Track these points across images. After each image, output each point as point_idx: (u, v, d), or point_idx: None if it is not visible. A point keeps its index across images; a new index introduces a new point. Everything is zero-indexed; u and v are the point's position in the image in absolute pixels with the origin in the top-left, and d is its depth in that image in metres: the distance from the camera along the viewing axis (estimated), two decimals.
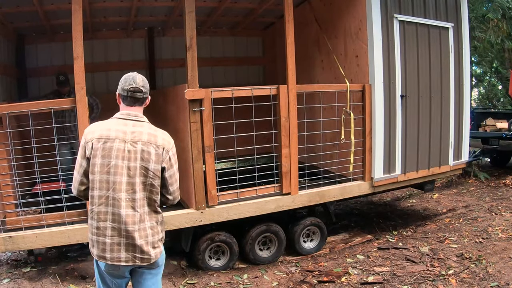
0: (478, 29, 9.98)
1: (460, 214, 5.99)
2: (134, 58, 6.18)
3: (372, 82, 4.70)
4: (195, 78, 3.97)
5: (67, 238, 3.80)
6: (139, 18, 5.74)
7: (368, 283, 3.91)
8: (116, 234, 2.18)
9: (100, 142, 2.18)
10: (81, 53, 3.74)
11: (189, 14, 3.97)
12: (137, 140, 2.22)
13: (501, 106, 14.64)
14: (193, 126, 3.97)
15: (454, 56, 5.30)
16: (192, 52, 3.97)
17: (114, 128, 2.23)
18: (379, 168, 4.83)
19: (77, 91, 3.74)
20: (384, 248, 4.83)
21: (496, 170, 8.80)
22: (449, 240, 4.90)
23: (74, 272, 4.19)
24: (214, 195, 4.12)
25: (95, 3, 4.99)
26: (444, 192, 7.64)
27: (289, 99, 4.31)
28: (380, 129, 4.77)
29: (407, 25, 4.90)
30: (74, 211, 3.88)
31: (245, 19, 6.13)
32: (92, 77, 5.99)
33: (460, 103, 5.41)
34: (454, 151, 5.41)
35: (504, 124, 8.38)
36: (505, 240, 4.77)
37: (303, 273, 4.27)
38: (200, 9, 5.54)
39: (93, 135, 2.21)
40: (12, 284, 3.84)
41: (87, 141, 2.21)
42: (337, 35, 5.20)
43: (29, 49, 5.81)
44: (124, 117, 2.27)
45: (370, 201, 7.39)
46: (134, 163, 2.19)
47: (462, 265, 4.14)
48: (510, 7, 9.79)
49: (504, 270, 3.97)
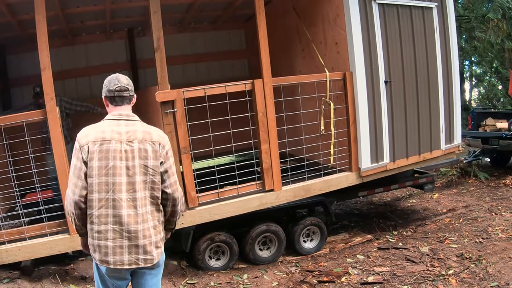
0: (478, 29, 10.09)
1: (460, 214, 5.99)
2: (116, 60, 6.18)
3: (353, 69, 4.61)
4: (165, 79, 3.94)
5: (49, 249, 3.86)
6: (117, 20, 5.72)
7: (368, 283, 3.93)
8: (118, 236, 2.18)
9: (96, 145, 2.18)
10: (48, 64, 3.76)
11: (154, 15, 3.93)
12: (133, 139, 2.23)
13: (501, 106, 14.83)
14: (166, 129, 3.95)
15: (440, 36, 5.16)
16: (160, 53, 3.93)
17: (108, 129, 2.24)
18: (366, 158, 4.76)
19: (47, 102, 3.77)
20: (384, 248, 4.85)
21: (496, 170, 8.78)
22: (449, 240, 4.92)
23: (74, 272, 4.26)
24: (193, 196, 4.12)
25: (68, 9, 4.98)
26: (444, 192, 7.64)
27: (265, 93, 4.26)
28: (364, 118, 4.70)
29: (387, 8, 4.78)
30: (54, 222, 3.93)
31: (224, 12, 6.06)
32: (75, 82, 6.04)
33: (449, 84, 5.29)
34: (446, 135, 5.30)
35: (504, 124, 8.36)
36: (505, 240, 4.77)
37: (303, 273, 4.30)
38: (176, 6, 5.51)
39: (88, 138, 2.21)
40: (11, 284, 3.89)
41: (82, 145, 2.20)
42: (315, 23, 5.11)
43: (10, 59, 5.86)
44: (116, 117, 2.28)
45: (370, 201, 7.42)
46: (133, 162, 2.20)
47: (462, 265, 4.16)
48: (510, 7, 9.82)
49: (504, 270, 3.98)
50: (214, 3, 5.62)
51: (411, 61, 4.97)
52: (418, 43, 5.00)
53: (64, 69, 5.92)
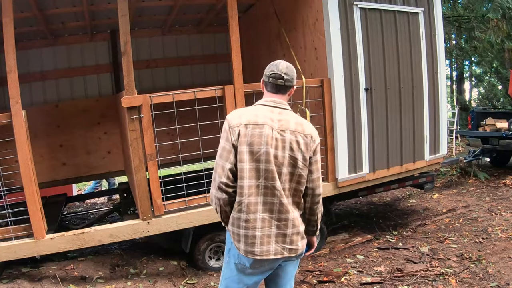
0: (478, 29, 10.24)
1: (460, 214, 6.01)
2: (98, 62, 6.27)
3: (331, 75, 4.58)
4: (132, 84, 3.96)
5: (14, 253, 3.90)
6: (99, 21, 5.81)
7: (368, 283, 3.97)
8: (267, 225, 2.14)
9: (248, 128, 2.13)
10: (14, 66, 3.80)
11: (122, 18, 3.97)
12: (285, 128, 2.18)
13: (501, 106, 15.04)
14: (132, 135, 3.98)
15: (426, 43, 5.11)
16: (127, 57, 3.95)
17: (261, 114, 2.19)
18: (343, 168, 4.73)
19: (12, 106, 3.82)
20: (384, 248, 4.89)
21: (496, 170, 8.88)
22: (449, 240, 4.95)
23: (74, 272, 4.35)
24: (160, 204, 4.14)
25: (47, 10, 5.07)
26: (444, 192, 7.69)
27: (236, 100, 4.25)
28: (342, 126, 4.66)
29: (369, 12, 4.75)
30: (19, 226, 3.99)
31: (207, 15, 6.09)
32: (56, 84, 6.14)
33: (435, 93, 5.23)
34: (431, 145, 5.25)
35: (504, 124, 8.47)
36: (505, 240, 4.79)
37: (303, 273, 4.34)
38: (158, 8, 5.56)
39: (240, 120, 2.16)
40: (11, 284, 3.98)
41: (232, 127, 2.15)
42: (296, 28, 5.10)
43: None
44: (269, 103, 2.25)
45: (370, 201, 7.48)
46: (283, 152, 2.15)
47: (462, 265, 4.20)
48: (510, 7, 9.86)
49: (504, 270, 4.00)
50: (196, 5, 5.64)
51: (394, 69, 4.92)
52: (403, 50, 4.96)
53: (45, 70, 6.01)
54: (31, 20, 5.21)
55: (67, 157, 6.13)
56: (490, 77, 17.22)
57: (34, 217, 3.88)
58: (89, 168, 6.26)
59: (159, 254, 4.86)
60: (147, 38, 6.49)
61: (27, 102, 5.61)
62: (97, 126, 6.18)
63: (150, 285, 4.19)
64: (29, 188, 3.87)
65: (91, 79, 6.23)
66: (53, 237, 3.97)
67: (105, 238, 4.07)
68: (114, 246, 5.29)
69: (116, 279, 4.32)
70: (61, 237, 3.98)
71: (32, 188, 3.88)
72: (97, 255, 4.86)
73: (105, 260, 4.70)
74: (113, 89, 6.20)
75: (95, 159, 6.26)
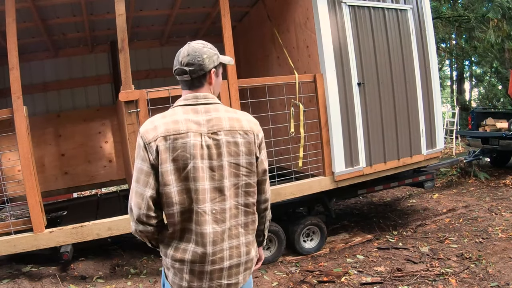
0: (478, 29, 10.44)
1: (460, 214, 6.13)
2: (98, 73, 6.63)
3: (323, 71, 4.84)
4: (129, 80, 4.25)
5: (13, 247, 4.08)
6: (99, 32, 6.20)
7: (368, 283, 4.06)
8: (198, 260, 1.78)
9: (168, 140, 1.71)
10: (16, 63, 4.13)
11: (119, 17, 4.32)
12: (217, 130, 1.78)
13: (501, 106, 15.31)
14: (129, 128, 4.22)
15: (417, 39, 5.38)
16: (125, 54, 4.27)
17: (182, 118, 1.76)
18: (340, 162, 4.90)
19: (14, 101, 4.11)
20: (384, 248, 5.00)
21: (496, 170, 9.04)
22: (449, 240, 5.06)
23: (74, 272, 4.48)
24: None
25: (48, 20, 5.47)
26: (444, 192, 7.80)
27: (230, 95, 4.52)
28: (336, 120, 4.87)
29: (358, 10, 5.04)
30: (19, 219, 4.20)
31: (204, 24, 6.47)
32: (58, 94, 6.49)
33: (428, 87, 5.44)
34: (427, 140, 5.41)
35: (504, 124, 8.65)
36: (505, 240, 4.88)
37: (303, 273, 4.44)
38: (155, 17, 5.95)
39: (156, 132, 1.73)
40: (12, 284, 4.11)
41: (148, 142, 1.73)
42: (288, 29, 5.43)
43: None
44: (191, 102, 1.81)
45: (370, 201, 7.63)
46: (219, 161, 1.77)
47: (462, 265, 4.28)
48: (510, 7, 10.12)
49: (504, 270, 4.08)
50: (191, 14, 6.02)
51: (386, 64, 5.17)
52: (393, 45, 5.22)
53: (47, 81, 6.38)
54: (33, 30, 5.60)
55: (69, 166, 6.39)
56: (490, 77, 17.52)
57: (33, 211, 4.08)
58: (90, 177, 6.50)
59: (159, 254, 4.92)
60: (146, 49, 6.88)
61: (30, 113, 5.86)
62: (98, 136, 6.48)
63: (150, 285, 4.29)
64: (29, 181, 4.10)
65: (92, 89, 6.59)
66: (52, 231, 4.16)
67: (104, 231, 4.24)
68: (114, 246, 5.40)
69: (116, 279, 4.43)
70: (60, 231, 4.16)
71: (31, 182, 4.10)
72: (97, 255, 4.97)
73: (105, 260, 4.84)
74: (114, 99, 6.51)
75: (96, 168, 6.51)
